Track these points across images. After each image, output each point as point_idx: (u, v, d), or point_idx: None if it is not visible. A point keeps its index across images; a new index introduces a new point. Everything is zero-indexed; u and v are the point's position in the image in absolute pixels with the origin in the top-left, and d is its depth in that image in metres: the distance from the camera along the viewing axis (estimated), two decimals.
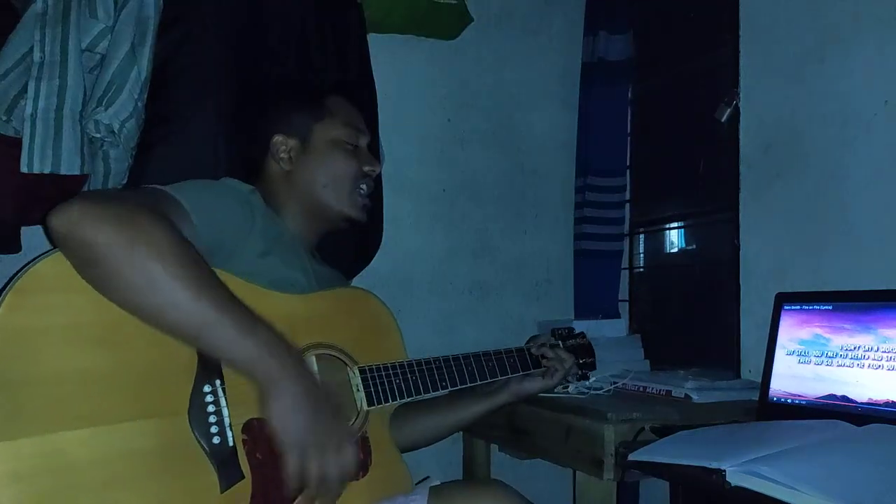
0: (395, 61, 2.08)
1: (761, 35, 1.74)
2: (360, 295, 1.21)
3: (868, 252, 1.47)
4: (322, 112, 1.24)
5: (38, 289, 0.85)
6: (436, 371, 1.20)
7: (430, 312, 2.15)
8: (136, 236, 0.85)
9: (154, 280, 0.85)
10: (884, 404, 1.18)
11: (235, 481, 0.93)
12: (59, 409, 0.83)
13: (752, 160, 1.75)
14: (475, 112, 2.25)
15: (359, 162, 1.25)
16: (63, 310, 0.86)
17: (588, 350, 1.45)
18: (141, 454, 0.87)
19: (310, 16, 1.65)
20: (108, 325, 0.88)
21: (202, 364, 0.94)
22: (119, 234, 0.85)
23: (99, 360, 0.87)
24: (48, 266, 0.86)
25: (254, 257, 1.07)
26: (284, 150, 1.23)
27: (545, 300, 2.30)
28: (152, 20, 1.45)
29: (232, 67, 1.51)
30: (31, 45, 1.39)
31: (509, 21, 2.30)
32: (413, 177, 2.14)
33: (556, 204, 2.33)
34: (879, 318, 1.23)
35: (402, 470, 1.13)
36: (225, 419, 0.94)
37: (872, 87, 1.47)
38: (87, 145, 1.42)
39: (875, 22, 1.47)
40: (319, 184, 1.22)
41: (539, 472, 2.01)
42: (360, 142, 1.27)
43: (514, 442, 1.66)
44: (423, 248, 2.16)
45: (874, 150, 1.47)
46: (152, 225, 0.87)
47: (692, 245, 2.17)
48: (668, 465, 1.05)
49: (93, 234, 0.84)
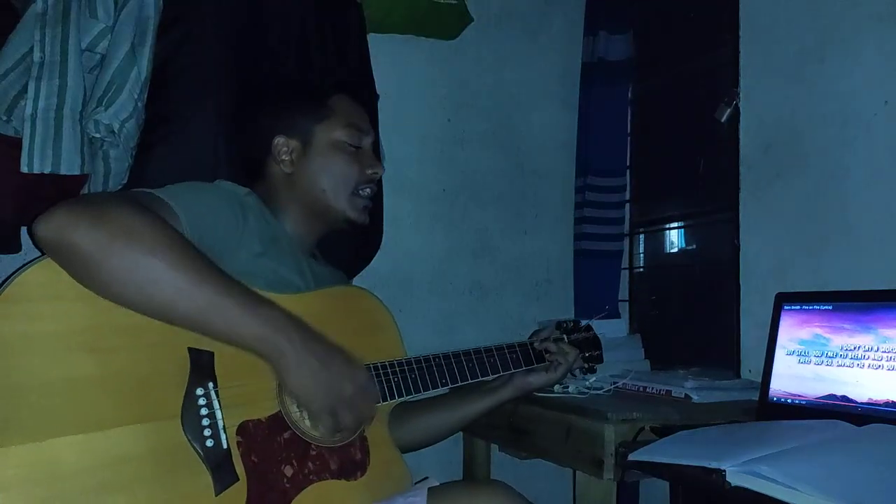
0: (395, 61, 2.08)
1: (761, 35, 1.74)
2: (356, 293, 1.21)
3: (868, 252, 1.47)
4: (324, 113, 1.23)
5: (26, 297, 0.85)
6: (435, 368, 1.19)
7: (430, 312, 2.15)
8: (117, 231, 0.85)
9: (154, 275, 0.86)
10: (884, 404, 1.18)
11: (230, 484, 0.92)
12: (48, 417, 0.83)
13: (752, 160, 1.75)
14: (475, 112, 2.25)
15: (360, 164, 1.23)
16: (51, 317, 0.86)
17: (594, 343, 1.43)
18: (133, 459, 0.87)
19: (310, 16, 1.65)
20: (98, 331, 0.88)
21: (194, 368, 0.94)
22: (111, 234, 0.85)
23: (89, 366, 0.86)
24: (35, 274, 0.86)
25: (249, 258, 1.07)
26: (286, 152, 1.22)
27: (545, 300, 2.30)
28: (152, 20, 1.45)
29: (232, 67, 1.51)
30: (31, 45, 1.39)
31: (509, 21, 2.30)
32: (413, 177, 2.14)
33: (556, 204, 2.33)
34: (879, 318, 1.23)
35: (402, 469, 1.13)
36: (218, 422, 0.94)
37: (872, 87, 1.47)
38: (87, 145, 1.42)
39: (875, 22, 1.47)
40: (320, 186, 1.21)
41: (539, 472, 2.01)
42: (362, 142, 1.26)
43: (514, 442, 1.66)
44: (423, 248, 2.16)
45: (874, 150, 1.47)
46: (144, 223, 0.88)
47: (692, 245, 2.17)
48: (668, 465, 1.05)
49: (72, 236, 0.84)
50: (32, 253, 0.90)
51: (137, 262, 0.86)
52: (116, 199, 0.93)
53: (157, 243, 0.87)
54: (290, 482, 0.98)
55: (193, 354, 0.94)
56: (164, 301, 0.88)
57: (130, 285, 0.87)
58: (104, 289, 0.87)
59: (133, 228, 0.86)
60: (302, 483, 0.99)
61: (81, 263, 0.85)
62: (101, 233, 0.84)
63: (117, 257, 0.85)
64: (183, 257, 0.89)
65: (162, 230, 0.89)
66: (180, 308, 0.89)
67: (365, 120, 1.28)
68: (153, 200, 0.97)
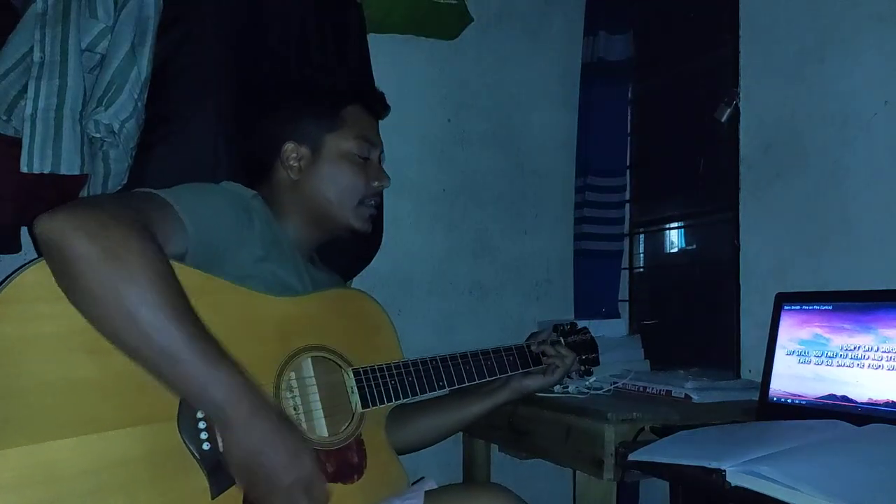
0: (395, 61, 2.08)
1: (761, 35, 1.74)
2: (353, 295, 1.21)
3: (868, 252, 1.47)
4: (335, 123, 1.23)
5: (24, 298, 0.84)
6: (432, 371, 1.19)
7: (429, 312, 2.15)
8: (110, 250, 0.83)
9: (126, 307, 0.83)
10: (884, 404, 1.18)
11: (227, 487, 0.92)
12: (46, 419, 0.83)
13: (752, 160, 1.75)
14: (475, 112, 2.25)
15: (367, 176, 1.24)
16: (49, 319, 0.85)
17: (591, 345, 1.44)
18: (130, 461, 0.86)
19: (310, 16, 1.65)
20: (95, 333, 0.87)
21: None
22: (92, 245, 0.82)
23: (86, 368, 0.86)
24: (33, 275, 0.85)
25: (251, 261, 1.07)
26: (295, 159, 1.22)
27: (545, 300, 2.30)
28: (152, 20, 1.44)
29: (232, 67, 1.51)
30: (31, 45, 1.39)
31: (509, 21, 2.30)
32: (413, 177, 2.14)
33: (556, 204, 2.33)
34: (879, 318, 1.23)
35: (398, 472, 1.13)
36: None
37: (872, 87, 1.47)
38: (87, 145, 1.42)
39: (875, 22, 1.47)
40: (325, 195, 1.21)
41: (539, 472, 2.01)
42: (371, 155, 1.26)
43: (514, 442, 1.66)
44: (423, 248, 2.16)
45: (874, 150, 1.47)
46: (128, 240, 0.85)
47: (692, 245, 2.17)
48: (668, 465, 1.05)
49: (69, 243, 0.82)
50: (32, 253, 0.90)
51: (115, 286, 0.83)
52: (121, 211, 0.89)
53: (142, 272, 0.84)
54: None
55: None
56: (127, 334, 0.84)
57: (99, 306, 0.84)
58: (76, 299, 0.85)
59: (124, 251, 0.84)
60: None
61: (66, 271, 0.84)
62: (95, 248, 0.82)
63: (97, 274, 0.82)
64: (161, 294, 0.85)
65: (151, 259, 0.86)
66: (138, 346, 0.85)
67: (376, 132, 1.28)
68: (157, 203, 0.97)
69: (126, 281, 0.83)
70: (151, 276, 0.85)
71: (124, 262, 0.83)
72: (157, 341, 0.84)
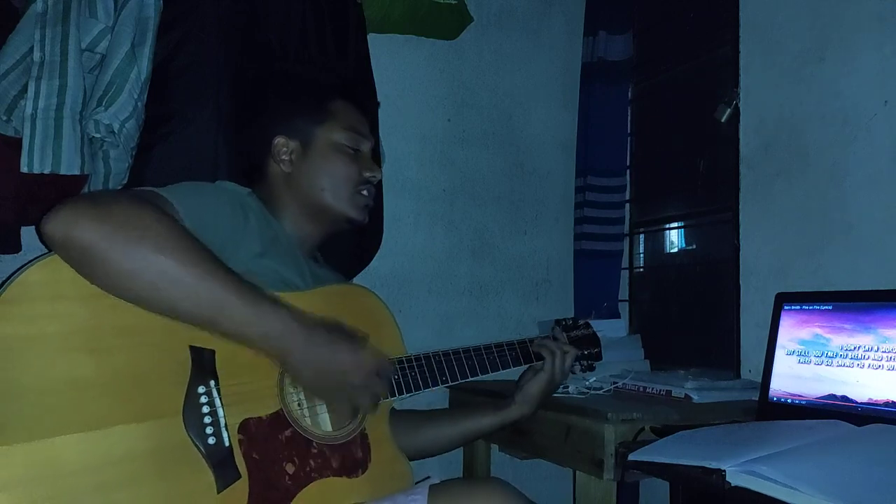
0: (395, 61, 2.09)
1: (761, 35, 1.74)
2: (356, 291, 1.21)
3: (868, 252, 1.47)
4: (324, 115, 1.24)
5: (26, 298, 0.85)
6: (435, 365, 1.19)
7: (429, 312, 2.15)
8: (125, 226, 0.86)
9: (161, 272, 0.87)
10: (884, 404, 1.18)
11: (232, 481, 0.93)
12: (50, 416, 0.83)
13: (752, 160, 1.75)
14: (475, 112, 2.25)
15: (359, 167, 1.24)
16: (51, 318, 0.86)
17: (593, 340, 1.42)
18: (135, 457, 0.87)
19: (310, 16, 1.65)
20: (98, 331, 0.88)
21: (196, 366, 0.94)
22: (117, 229, 0.85)
23: (90, 366, 0.86)
24: (35, 274, 0.86)
25: (249, 258, 1.07)
26: (286, 152, 1.22)
27: (545, 300, 2.30)
28: (152, 20, 1.45)
29: (232, 67, 1.51)
30: (31, 45, 1.39)
31: (509, 21, 2.30)
32: (413, 177, 2.14)
33: (556, 204, 2.33)
34: (879, 318, 1.23)
35: (403, 467, 1.13)
36: (220, 419, 0.94)
37: (872, 87, 1.47)
38: (87, 145, 1.42)
39: (875, 22, 1.47)
40: (319, 186, 1.22)
41: (539, 472, 2.01)
42: (361, 147, 1.26)
43: (515, 442, 1.66)
44: (423, 248, 2.16)
45: (874, 150, 1.47)
46: (150, 218, 0.88)
47: (692, 245, 2.17)
48: (668, 465, 1.05)
49: (78, 232, 0.84)
50: (32, 253, 0.90)
51: (146, 257, 0.86)
52: (121, 195, 0.93)
53: (165, 238, 0.88)
54: (291, 479, 0.98)
55: (195, 353, 0.94)
56: (170, 298, 0.89)
57: (137, 281, 0.87)
58: (110, 284, 0.87)
59: (139, 224, 0.87)
60: (303, 480, 0.99)
61: (88, 259, 0.85)
62: (108, 227, 0.85)
63: (123, 252, 0.85)
64: (189, 254, 0.89)
65: (168, 225, 0.90)
66: (185, 306, 0.89)
67: (364, 126, 1.29)
68: (155, 198, 0.97)
69: (153, 249, 0.87)
70: (176, 238, 0.89)
71: (145, 232, 0.87)
72: (203, 296, 0.89)
